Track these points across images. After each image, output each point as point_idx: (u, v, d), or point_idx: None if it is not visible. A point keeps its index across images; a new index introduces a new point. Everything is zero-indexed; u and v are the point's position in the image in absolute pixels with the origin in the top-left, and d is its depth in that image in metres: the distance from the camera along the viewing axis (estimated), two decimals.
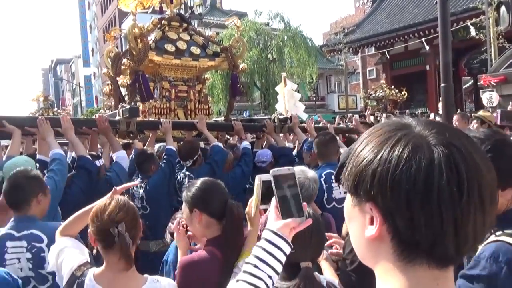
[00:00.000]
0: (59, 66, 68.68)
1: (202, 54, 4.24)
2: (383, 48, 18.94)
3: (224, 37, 19.81)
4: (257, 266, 0.98)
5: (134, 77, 3.87)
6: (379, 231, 0.60)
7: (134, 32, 3.78)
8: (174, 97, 4.24)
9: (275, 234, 0.99)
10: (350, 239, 1.60)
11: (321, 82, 30.83)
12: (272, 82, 19.95)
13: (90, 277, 1.51)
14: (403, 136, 0.60)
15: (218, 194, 1.84)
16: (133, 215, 1.55)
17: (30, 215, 2.09)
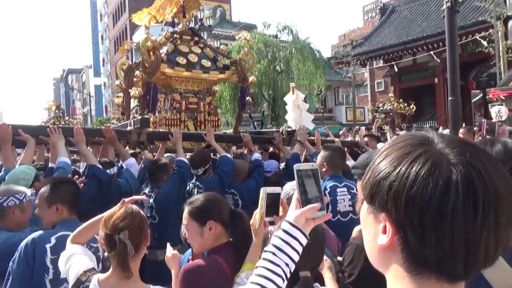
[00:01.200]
0: (70, 75, 69.74)
1: (213, 67, 4.32)
2: (392, 61, 18.96)
3: (233, 49, 19.96)
4: (275, 253, 1.01)
5: (146, 88, 3.98)
6: (391, 241, 0.62)
7: (147, 45, 3.88)
8: (185, 109, 4.33)
9: (291, 224, 1.02)
10: (349, 251, 1.61)
11: (329, 94, 30.84)
12: (280, 94, 19.99)
13: (95, 282, 1.55)
14: (424, 152, 0.60)
15: (225, 203, 1.89)
16: (139, 224, 1.58)
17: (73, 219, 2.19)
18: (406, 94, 19.04)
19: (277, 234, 1.03)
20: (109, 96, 45.54)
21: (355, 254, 1.56)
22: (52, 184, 2.20)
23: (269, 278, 0.99)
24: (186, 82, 4.33)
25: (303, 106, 5.69)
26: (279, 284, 1.00)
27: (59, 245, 2.02)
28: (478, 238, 0.56)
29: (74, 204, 2.21)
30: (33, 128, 3.48)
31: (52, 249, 2.03)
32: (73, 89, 63.91)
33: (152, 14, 4.38)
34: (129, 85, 4.30)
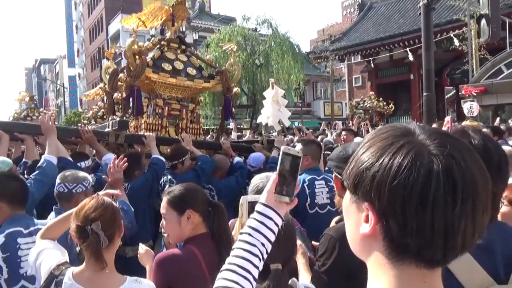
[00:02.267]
0: (43, 66, 67.58)
1: (198, 76, 4.33)
2: (369, 57, 19.23)
3: (211, 42, 19.82)
4: (251, 234, 1.02)
5: (129, 91, 3.97)
6: (373, 230, 0.63)
7: (133, 49, 3.88)
8: (167, 115, 4.31)
9: (264, 205, 1.04)
10: (323, 242, 1.63)
11: (308, 89, 31.05)
12: (259, 87, 19.98)
13: (69, 275, 1.52)
14: (406, 143, 0.62)
15: (202, 193, 1.90)
16: (111, 214, 1.55)
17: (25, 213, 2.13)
18: (383, 90, 19.38)
19: (252, 216, 1.05)
20: (84, 88, 44.43)
21: (328, 245, 1.58)
22: None
23: (246, 258, 1.00)
24: (170, 88, 4.31)
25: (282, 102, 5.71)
26: (255, 263, 1.00)
27: (9, 242, 1.98)
28: (457, 225, 0.58)
29: (17, 200, 2.12)
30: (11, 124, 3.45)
31: (2, 248, 1.97)
32: (46, 79, 61.95)
33: (142, 20, 4.39)
34: (113, 89, 4.26)
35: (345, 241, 1.52)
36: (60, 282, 1.51)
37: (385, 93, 16.67)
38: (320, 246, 1.63)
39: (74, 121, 21.11)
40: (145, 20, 4.41)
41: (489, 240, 1.16)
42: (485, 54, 12.52)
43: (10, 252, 1.96)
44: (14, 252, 1.97)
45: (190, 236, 1.80)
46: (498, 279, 1.13)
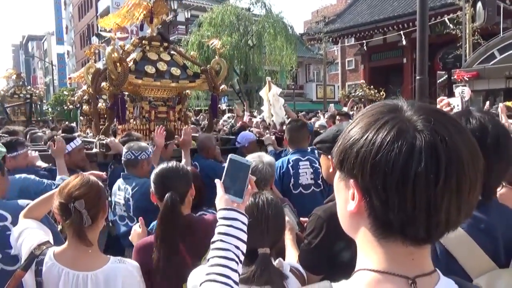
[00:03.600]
0: (30, 42, 66.01)
1: (183, 76, 4.22)
2: (363, 39, 19.09)
3: (204, 21, 19.47)
4: (222, 239, 1.02)
5: (113, 100, 3.89)
6: (358, 207, 0.64)
7: (113, 57, 3.76)
8: (154, 118, 4.25)
9: (225, 209, 1.06)
10: (311, 221, 1.63)
11: (300, 71, 30.88)
12: (252, 68, 19.81)
13: (50, 255, 1.49)
14: (391, 119, 0.61)
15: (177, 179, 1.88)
16: (96, 193, 1.51)
17: None
18: (376, 73, 19.36)
19: (218, 223, 1.06)
20: (73, 65, 43.61)
21: (316, 224, 1.59)
22: None
23: (223, 264, 1.00)
24: (155, 90, 4.20)
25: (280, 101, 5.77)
26: (233, 267, 1.00)
27: None
28: (440, 202, 0.58)
29: None
30: None
31: None
32: (33, 57, 60.63)
33: (117, 23, 4.24)
34: (97, 91, 4.16)
35: (333, 221, 1.51)
36: (41, 262, 1.47)
37: (378, 77, 16.66)
38: (308, 225, 1.65)
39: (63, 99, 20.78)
40: (122, 19, 4.26)
41: (490, 223, 1.15)
42: (479, 39, 12.48)
43: None
44: None
45: None
46: (500, 263, 1.12)
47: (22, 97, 12.85)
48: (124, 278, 1.48)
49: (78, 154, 3.35)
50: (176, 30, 27.50)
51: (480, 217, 1.14)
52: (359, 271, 0.67)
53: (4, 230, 1.92)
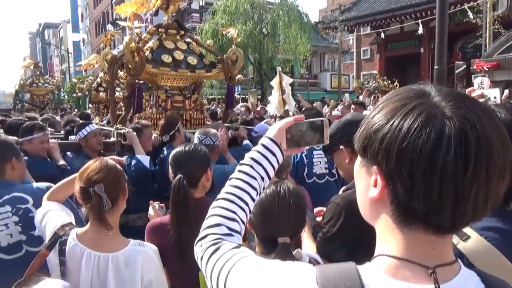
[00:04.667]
0: (47, 30, 66.72)
1: (199, 65, 4.19)
2: (379, 28, 18.73)
3: (218, 8, 19.35)
4: (252, 166, 0.99)
5: (131, 90, 3.90)
6: (380, 194, 0.63)
7: (131, 47, 3.77)
8: (170, 108, 4.24)
9: (270, 139, 1.01)
10: (329, 209, 1.62)
11: (315, 60, 30.56)
12: (266, 57, 19.67)
13: (73, 236, 1.53)
14: (419, 105, 0.59)
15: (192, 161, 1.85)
16: (114, 177, 1.54)
17: (7, 180, 2.05)
18: (392, 63, 19.03)
19: (256, 148, 1.02)
20: (88, 53, 43.94)
21: (334, 213, 1.58)
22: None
23: (244, 189, 0.96)
24: (172, 79, 4.20)
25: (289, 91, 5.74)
26: (253, 196, 0.98)
27: None
28: (468, 191, 0.56)
29: None
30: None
31: None
32: (50, 44, 61.30)
33: (133, 11, 4.23)
34: (113, 77, 4.18)
35: (351, 209, 1.50)
36: (64, 242, 1.51)
37: (394, 67, 16.36)
38: (326, 214, 1.63)
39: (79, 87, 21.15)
40: (138, 7, 4.24)
41: None
42: (499, 28, 12.14)
43: None
44: None
45: None
46: None
47: (40, 86, 13.15)
48: (143, 260, 1.51)
49: (93, 138, 3.43)
50: (190, 18, 27.41)
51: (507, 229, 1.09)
52: (378, 256, 0.66)
53: (26, 212, 1.97)
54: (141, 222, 3.11)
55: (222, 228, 0.88)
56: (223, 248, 0.83)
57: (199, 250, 0.87)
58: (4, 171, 2.05)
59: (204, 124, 4.46)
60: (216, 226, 0.89)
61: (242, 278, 0.74)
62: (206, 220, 0.92)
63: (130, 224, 3.11)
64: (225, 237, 0.86)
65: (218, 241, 0.85)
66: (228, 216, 0.91)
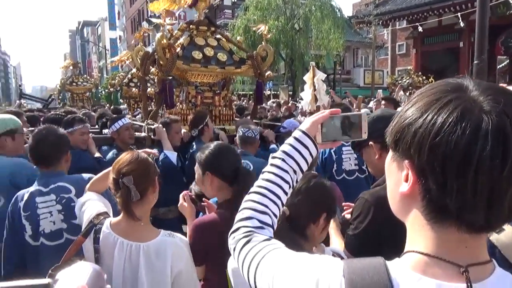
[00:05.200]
0: (86, 28, 69.18)
1: (229, 62, 4.24)
2: (416, 22, 18.11)
3: (250, 4, 19.38)
4: (284, 160, 0.98)
5: (162, 85, 3.99)
6: (412, 189, 0.61)
7: (163, 44, 3.85)
8: (200, 103, 4.31)
9: (303, 132, 1.00)
10: (357, 205, 1.60)
11: (348, 55, 30.03)
12: (298, 53, 19.53)
13: (107, 224, 1.59)
14: (455, 99, 0.58)
15: (229, 158, 1.88)
16: (144, 169, 1.57)
17: (58, 170, 2.17)
18: (428, 58, 18.39)
19: (288, 141, 1.01)
20: (125, 50, 45.16)
21: (363, 208, 1.55)
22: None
23: (277, 183, 0.96)
24: (202, 76, 4.26)
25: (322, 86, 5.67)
26: (286, 190, 0.97)
27: (29, 201, 2.05)
28: (504, 190, 0.54)
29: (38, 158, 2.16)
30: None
31: (24, 207, 2.05)
32: (88, 41, 63.54)
33: (165, 8, 4.31)
34: (146, 73, 4.28)
35: (380, 205, 1.47)
36: (98, 230, 1.57)
37: (431, 62, 15.80)
38: (354, 210, 1.61)
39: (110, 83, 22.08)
40: (170, 4, 4.34)
41: None
42: None
43: (31, 210, 2.04)
44: (33, 210, 2.04)
45: (221, 201, 1.84)
46: None
47: (79, 84, 13.84)
48: (173, 251, 1.54)
49: (125, 132, 3.54)
50: (223, 14, 27.60)
51: None
52: (408, 252, 0.65)
53: (69, 201, 2.08)
54: (171, 215, 3.21)
55: (253, 221, 0.90)
56: (254, 240, 0.85)
57: (232, 242, 0.90)
58: (60, 162, 2.18)
59: (233, 120, 4.49)
60: (248, 219, 0.90)
61: (270, 268, 0.76)
62: (238, 213, 0.94)
63: (160, 217, 3.18)
64: (257, 230, 0.88)
65: (249, 234, 0.87)
66: (259, 210, 0.92)
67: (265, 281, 0.75)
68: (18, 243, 2.05)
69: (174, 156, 3.32)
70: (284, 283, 0.71)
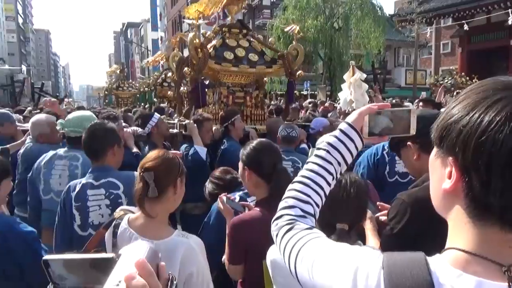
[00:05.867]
0: (129, 29, 71.71)
1: (260, 62, 4.30)
2: (462, 19, 17.34)
3: (289, 4, 19.31)
4: (329, 151, 0.99)
5: (194, 85, 4.09)
6: (455, 186, 0.61)
7: (195, 43, 3.97)
8: (232, 103, 4.38)
9: (349, 125, 1.00)
10: (394, 206, 1.57)
11: (389, 55, 29.21)
12: (337, 52, 19.26)
13: (126, 220, 1.61)
14: (504, 97, 0.57)
15: (269, 156, 1.88)
16: (166, 168, 1.56)
17: (106, 165, 2.25)
18: (475, 58, 17.54)
19: (333, 133, 1.01)
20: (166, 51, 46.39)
21: (400, 209, 1.52)
22: None
23: (320, 173, 0.97)
24: (233, 76, 4.34)
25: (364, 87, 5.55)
26: (329, 181, 0.98)
27: (81, 193, 2.14)
28: None
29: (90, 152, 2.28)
30: None
31: (75, 197, 2.14)
32: (132, 42, 65.86)
33: (200, 11, 4.45)
34: (181, 77, 4.41)
35: (417, 206, 1.45)
36: (117, 225, 1.60)
37: (478, 62, 15.07)
38: (391, 210, 1.59)
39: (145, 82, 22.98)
40: (205, 8, 4.46)
41: None
42: None
43: (81, 202, 2.13)
44: (84, 202, 2.14)
45: (259, 199, 1.85)
46: None
47: (125, 89, 14.46)
48: (184, 252, 1.49)
49: (163, 124, 3.77)
50: (261, 14, 27.69)
51: None
52: (449, 249, 0.65)
53: (116, 198, 2.16)
54: (198, 211, 3.21)
55: (296, 210, 0.92)
56: (296, 228, 0.87)
57: (274, 228, 0.92)
58: (105, 155, 2.25)
59: (264, 120, 4.52)
60: (291, 208, 0.93)
61: (311, 254, 0.78)
62: (282, 201, 0.96)
63: (187, 212, 3.25)
64: (299, 219, 0.91)
65: (292, 221, 0.89)
66: (302, 199, 0.94)
67: (305, 267, 0.78)
68: (67, 231, 2.17)
69: (203, 152, 3.39)
70: (323, 269, 0.73)
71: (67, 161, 2.65)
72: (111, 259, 0.64)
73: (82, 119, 2.75)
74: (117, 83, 14.59)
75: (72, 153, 2.67)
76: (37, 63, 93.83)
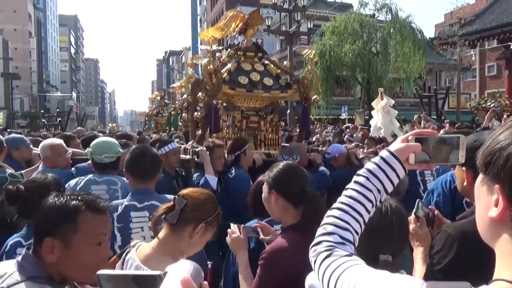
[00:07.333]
0: (171, 57, 74.87)
1: (275, 86, 4.25)
2: (508, 41, 16.71)
3: (326, 30, 19.47)
4: (368, 178, 0.98)
5: (208, 110, 4.06)
6: (502, 214, 0.60)
7: (209, 69, 3.93)
8: (246, 128, 4.32)
9: (390, 153, 0.98)
10: (439, 239, 1.50)
11: (430, 78, 28.49)
12: (375, 77, 19.04)
13: (136, 248, 1.58)
14: None
15: (297, 179, 1.81)
16: (200, 205, 1.54)
17: (149, 188, 2.30)
18: None
19: (373, 160, 0.99)
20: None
21: (445, 243, 1.44)
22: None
23: (359, 200, 0.96)
24: (248, 100, 4.29)
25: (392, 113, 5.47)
26: (368, 208, 0.97)
27: (124, 214, 2.17)
28: None
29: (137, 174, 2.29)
30: None
31: (118, 218, 2.16)
32: (173, 69, 68.54)
33: (215, 37, 4.46)
34: (195, 99, 4.37)
35: (464, 240, 1.38)
36: (128, 253, 1.57)
37: None
38: (436, 243, 1.50)
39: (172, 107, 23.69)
40: (220, 32, 4.42)
41: None
42: None
43: (124, 223, 2.15)
44: (127, 223, 2.15)
45: (288, 224, 1.77)
46: None
47: (164, 116, 14.69)
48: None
49: (173, 156, 3.60)
50: (299, 40, 28.05)
51: None
52: (496, 281, 0.62)
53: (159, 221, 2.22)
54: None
55: (335, 236, 0.91)
56: (335, 255, 0.86)
57: (313, 254, 0.91)
58: (154, 179, 2.34)
59: (278, 144, 4.41)
60: (330, 235, 0.92)
61: (351, 281, 0.77)
62: (320, 227, 0.95)
63: None
64: (338, 245, 0.90)
65: (330, 248, 0.89)
66: (341, 226, 0.93)
67: None
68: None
69: (214, 181, 3.33)
70: None
71: (105, 185, 2.64)
72: (157, 277, 0.66)
73: (110, 145, 2.83)
74: (157, 109, 15.10)
75: (107, 178, 2.67)
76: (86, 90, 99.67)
